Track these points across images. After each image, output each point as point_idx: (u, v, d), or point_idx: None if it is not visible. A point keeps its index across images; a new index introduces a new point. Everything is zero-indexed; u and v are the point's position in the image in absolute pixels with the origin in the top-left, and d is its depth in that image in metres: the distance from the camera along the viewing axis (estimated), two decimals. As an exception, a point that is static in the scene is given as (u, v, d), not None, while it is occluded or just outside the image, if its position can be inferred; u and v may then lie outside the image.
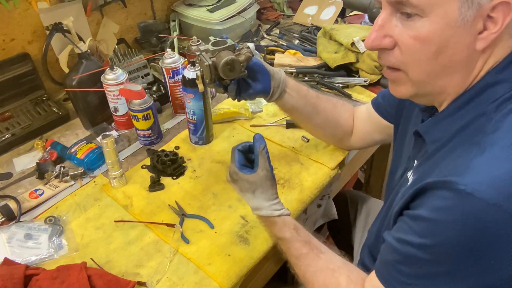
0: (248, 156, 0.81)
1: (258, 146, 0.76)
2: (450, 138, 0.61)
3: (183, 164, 1.05)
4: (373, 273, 0.67)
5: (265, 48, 1.48)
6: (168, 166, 1.01)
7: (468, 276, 0.54)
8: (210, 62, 0.82)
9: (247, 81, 0.87)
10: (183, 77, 1.03)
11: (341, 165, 1.06)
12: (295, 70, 1.33)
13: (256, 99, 1.22)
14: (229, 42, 0.85)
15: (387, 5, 0.58)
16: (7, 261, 0.80)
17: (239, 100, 0.90)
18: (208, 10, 1.53)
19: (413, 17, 0.56)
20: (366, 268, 0.90)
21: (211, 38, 0.87)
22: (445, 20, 0.54)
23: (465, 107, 0.60)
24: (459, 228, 0.52)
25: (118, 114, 1.15)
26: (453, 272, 0.55)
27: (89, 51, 1.15)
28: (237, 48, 0.84)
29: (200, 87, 0.91)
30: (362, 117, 0.99)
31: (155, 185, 0.99)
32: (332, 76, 1.31)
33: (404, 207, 0.62)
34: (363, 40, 1.26)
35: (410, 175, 0.70)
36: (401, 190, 0.70)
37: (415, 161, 0.71)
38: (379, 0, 0.60)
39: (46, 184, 1.01)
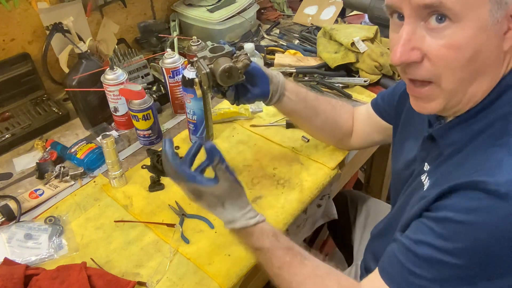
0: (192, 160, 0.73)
1: (212, 160, 0.67)
2: (469, 141, 0.59)
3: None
4: (375, 273, 0.64)
5: (265, 48, 1.48)
6: (168, 166, 1.01)
7: (495, 278, 0.52)
8: (207, 70, 0.82)
9: (245, 86, 0.87)
10: (183, 77, 1.03)
11: (341, 165, 1.06)
12: (295, 70, 1.33)
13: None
14: (227, 48, 0.84)
15: (412, 14, 0.55)
16: (7, 261, 0.80)
17: (237, 105, 0.90)
18: (208, 10, 1.53)
19: (444, 23, 0.53)
20: (370, 272, 0.89)
21: (209, 43, 0.88)
22: (478, 24, 0.52)
23: (486, 109, 0.58)
24: (492, 229, 0.50)
25: (118, 114, 1.15)
26: (479, 275, 0.53)
27: (89, 51, 1.15)
28: (235, 54, 0.84)
29: (198, 92, 0.91)
30: (362, 118, 0.99)
31: (155, 185, 0.99)
32: (332, 76, 1.31)
33: (424, 210, 0.60)
34: (363, 40, 1.26)
35: (425, 179, 0.67)
36: (415, 194, 0.68)
37: (426, 163, 0.69)
38: (398, 9, 0.56)
39: (46, 184, 1.01)
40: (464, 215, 0.52)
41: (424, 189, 0.65)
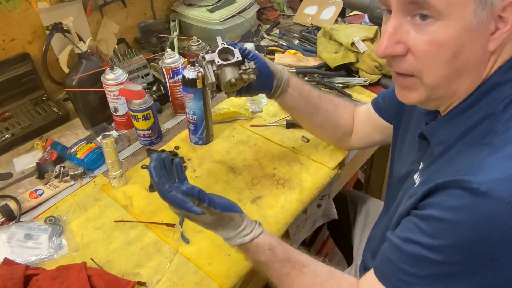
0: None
1: (193, 202, 0.68)
2: (457, 139, 0.60)
3: (183, 164, 1.05)
4: (370, 273, 0.66)
5: (265, 48, 1.48)
6: (168, 166, 1.01)
7: (478, 275, 0.54)
8: (214, 80, 0.81)
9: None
10: (183, 77, 1.03)
11: (341, 165, 1.06)
12: (295, 70, 1.33)
13: (256, 99, 1.23)
14: (236, 54, 0.82)
15: (398, 8, 0.56)
16: (7, 261, 0.80)
17: (240, 97, 0.90)
18: (208, 10, 1.53)
19: (427, 20, 0.54)
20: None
21: (219, 40, 0.85)
22: (462, 23, 0.53)
23: (472, 107, 0.59)
24: (474, 227, 0.52)
25: (118, 114, 1.15)
26: (462, 272, 0.54)
27: (89, 51, 1.15)
28: (243, 67, 0.82)
29: (199, 85, 0.91)
30: (362, 117, 0.99)
31: (155, 185, 0.99)
32: (332, 76, 1.31)
33: (412, 208, 0.61)
34: (363, 40, 1.26)
35: (416, 177, 0.68)
36: (407, 192, 0.69)
37: (421, 163, 0.70)
38: (387, 3, 0.58)
39: (46, 184, 1.01)
40: (447, 213, 0.54)
41: (414, 187, 0.66)
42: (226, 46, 0.84)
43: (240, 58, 0.82)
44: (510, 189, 0.50)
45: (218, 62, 0.81)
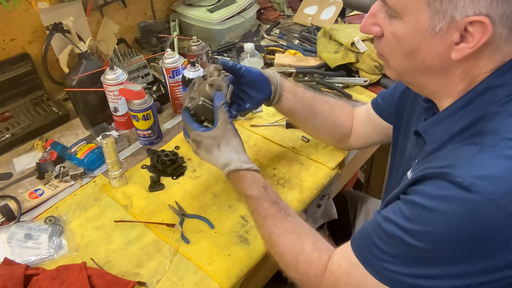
0: (200, 119, 0.84)
1: (218, 102, 0.79)
2: (449, 139, 0.61)
3: (183, 164, 1.05)
4: (347, 243, 0.68)
5: (265, 48, 1.48)
6: (168, 166, 1.01)
7: (447, 264, 0.55)
8: (201, 103, 0.81)
9: (249, 93, 0.88)
10: (183, 77, 1.03)
11: (341, 165, 1.07)
12: (295, 70, 1.33)
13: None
14: (195, 76, 0.86)
15: None
16: (7, 261, 0.81)
17: (244, 115, 0.94)
18: (208, 10, 1.53)
19: (393, 16, 0.60)
20: None
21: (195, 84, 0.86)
22: (416, 26, 0.58)
23: (465, 108, 0.61)
24: (451, 219, 0.53)
25: (118, 114, 1.15)
26: (432, 258, 0.56)
27: (89, 51, 1.15)
28: (208, 79, 0.82)
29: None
30: (361, 118, 0.99)
31: (155, 185, 0.99)
32: (332, 76, 1.31)
33: (401, 193, 0.63)
34: (363, 40, 1.26)
35: (409, 174, 0.70)
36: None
37: (416, 160, 0.71)
38: None
39: (46, 184, 1.01)
40: (428, 200, 0.56)
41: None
42: (198, 81, 0.84)
43: (198, 75, 0.85)
44: (493, 187, 0.51)
45: (202, 95, 0.82)
